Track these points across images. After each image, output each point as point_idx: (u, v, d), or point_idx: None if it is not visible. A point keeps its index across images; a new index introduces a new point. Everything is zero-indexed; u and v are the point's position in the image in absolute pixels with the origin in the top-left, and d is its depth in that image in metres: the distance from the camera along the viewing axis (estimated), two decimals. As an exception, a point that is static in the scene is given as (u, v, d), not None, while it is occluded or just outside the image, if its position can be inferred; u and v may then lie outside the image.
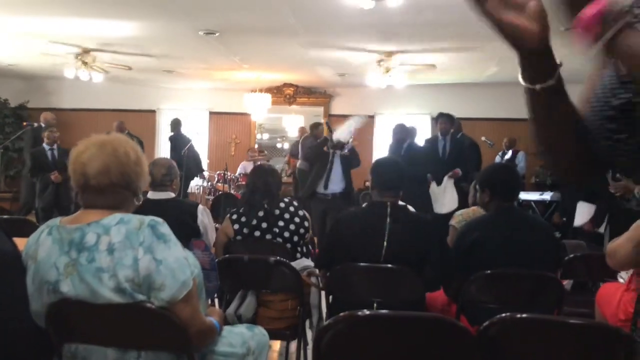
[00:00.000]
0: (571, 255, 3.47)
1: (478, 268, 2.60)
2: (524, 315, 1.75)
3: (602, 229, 5.61)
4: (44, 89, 11.22)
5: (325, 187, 6.11)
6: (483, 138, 8.41)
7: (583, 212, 5.79)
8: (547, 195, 7.78)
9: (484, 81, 9.73)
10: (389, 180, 2.82)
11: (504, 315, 1.74)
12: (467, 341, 1.68)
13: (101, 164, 1.72)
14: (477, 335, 1.74)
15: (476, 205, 3.75)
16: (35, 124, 8.87)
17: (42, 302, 1.70)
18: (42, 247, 1.72)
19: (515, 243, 2.66)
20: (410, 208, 3.45)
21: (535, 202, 8.07)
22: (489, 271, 2.59)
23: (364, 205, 3.16)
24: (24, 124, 9.37)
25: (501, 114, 10.16)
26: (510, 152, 8.89)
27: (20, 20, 6.66)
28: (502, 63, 8.30)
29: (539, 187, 8.89)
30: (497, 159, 8.90)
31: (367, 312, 1.72)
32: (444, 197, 6.54)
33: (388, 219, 2.68)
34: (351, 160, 6.27)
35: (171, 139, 9.17)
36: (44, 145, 7.58)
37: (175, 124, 9.24)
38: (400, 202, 2.88)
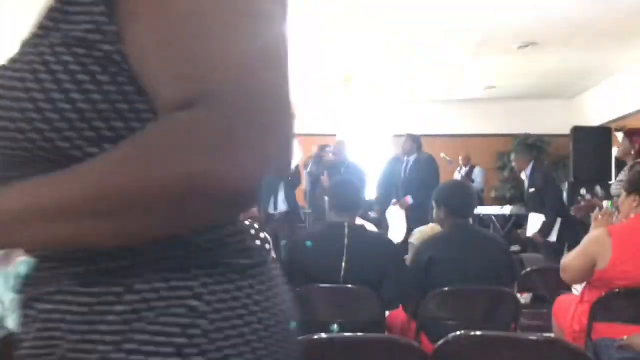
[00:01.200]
0: (528, 269, 3.55)
1: (435, 285, 2.63)
2: (478, 333, 1.77)
3: (553, 238, 5.76)
4: None
5: (275, 207, 6.39)
6: (442, 155, 8.52)
7: (533, 223, 5.93)
8: (506, 210, 7.92)
9: (441, 99, 9.91)
10: (346, 201, 2.84)
11: (458, 333, 1.76)
12: (422, 361, 1.69)
13: None
14: (432, 354, 1.75)
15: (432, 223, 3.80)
16: None
17: None
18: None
19: (470, 259, 2.70)
20: (370, 227, 3.47)
21: (496, 216, 8.21)
22: (446, 288, 2.61)
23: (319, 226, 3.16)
24: None
25: (459, 130, 10.34)
26: (466, 169, 9.03)
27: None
28: (460, 81, 8.49)
29: (499, 202, 9.05)
30: (457, 175, 9.03)
31: (323, 335, 1.72)
32: (391, 226, 6.46)
33: (346, 240, 2.68)
34: (294, 180, 6.55)
35: None
36: None
37: None
38: (358, 222, 2.89)
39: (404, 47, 6.55)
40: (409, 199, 6.28)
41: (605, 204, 4.14)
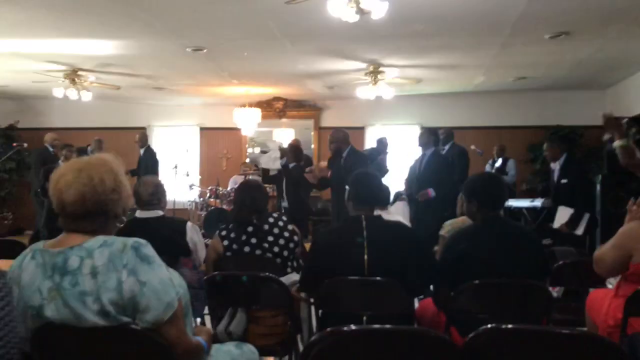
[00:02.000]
0: (560, 262, 3.49)
1: (466, 278, 2.61)
2: (509, 326, 1.75)
3: (579, 231, 5.71)
4: (34, 109, 11.21)
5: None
6: (472, 147, 8.44)
7: (561, 216, 5.89)
8: (538, 202, 7.79)
9: (472, 90, 9.81)
10: (363, 194, 2.84)
11: (489, 326, 1.74)
12: (453, 354, 1.69)
13: (76, 192, 1.71)
14: (463, 347, 1.74)
15: (465, 215, 3.77)
16: (25, 144, 8.89)
17: (26, 327, 1.70)
18: (26, 271, 1.71)
19: (501, 252, 2.67)
20: (391, 216, 3.45)
21: (527, 209, 8.09)
22: (477, 281, 2.60)
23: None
24: (14, 144, 9.35)
25: (490, 122, 10.24)
26: (500, 160, 8.93)
27: (7, 42, 6.67)
28: (489, 72, 8.38)
29: (530, 194, 8.92)
30: (487, 167, 8.93)
31: (352, 327, 1.72)
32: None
33: (365, 232, 2.68)
34: (298, 179, 6.88)
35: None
36: (60, 163, 7.55)
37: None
38: (376, 212, 2.88)
39: (434, 39, 6.49)
40: (431, 192, 6.10)
41: None
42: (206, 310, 3.25)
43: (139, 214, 3.35)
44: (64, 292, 1.64)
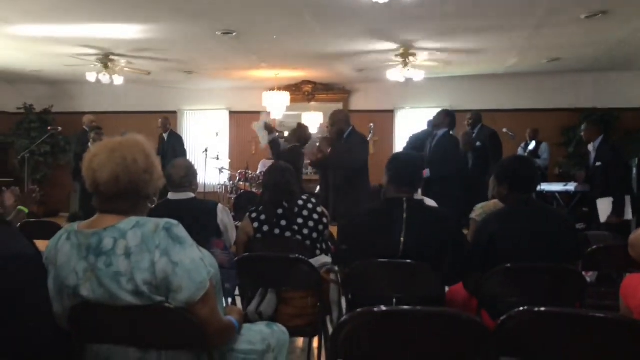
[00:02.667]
0: (594, 247, 3.43)
1: (497, 262, 2.58)
2: (542, 309, 1.73)
3: (629, 216, 5.57)
4: (67, 94, 11.40)
5: None
6: (505, 130, 8.30)
7: (603, 208, 5.76)
8: (571, 186, 7.65)
9: (504, 72, 9.63)
10: (405, 176, 2.81)
11: (521, 309, 1.72)
12: (484, 336, 1.67)
13: (110, 172, 1.73)
14: (495, 330, 1.73)
15: (496, 198, 3.73)
16: (60, 128, 9.09)
17: (63, 305, 1.74)
18: (61, 252, 1.75)
19: (533, 235, 2.63)
20: (429, 202, 3.43)
21: (560, 193, 7.96)
22: (508, 265, 2.57)
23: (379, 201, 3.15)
24: (49, 128, 9.56)
25: (523, 105, 10.06)
26: (533, 143, 8.78)
27: (41, 27, 6.78)
28: (522, 54, 8.22)
29: (563, 178, 8.76)
30: (520, 150, 8.79)
31: (383, 308, 1.72)
32: None
33: (405, 215, 2.66)
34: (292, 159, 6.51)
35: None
36: (89, 145, 7.70)
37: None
38: (417, 197, 2.86)
39: (466, 20, 6.38)
40: (426, 172, 5.90)
41: None
42: (237, 291, 3.29)
43: (171, 195, 3.40)
44: (99, 272, 1.68)
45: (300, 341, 3.78)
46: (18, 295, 1.66)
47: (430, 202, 3.44)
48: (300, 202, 3.28)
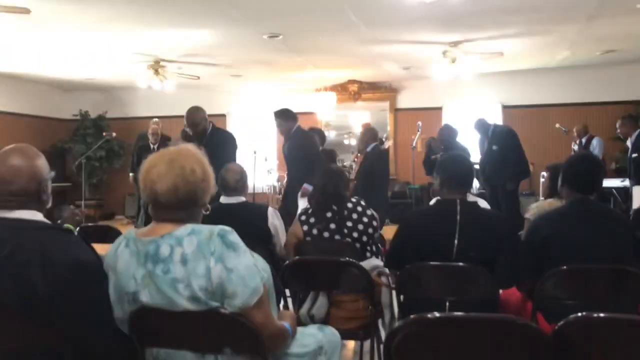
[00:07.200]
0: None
1: (553, 263, 2.52)
2: (602, 315, 1.68)
3: None
4: (120, 100, 11.74)
5: None
6: (557, 125, 8.11)
7: (638, 196, 5.70)
8: (628, 182, 7.38)
9: (555, 66, 9.38)
10: (458, 177, 2.77)
11: (580, 315, 1.68)
12: (541, 343, 1.64)
13: (169, 183, 1.77)
14: (552, 336, 1.69)
15: (550, 198, 3.64)
16: (114, 134, 9.38)
17: (123, 310, 1.80)
18: (121, 259, 1.81)
19: (591, 236, 2.55)
20: (482, 204, 3.38)
21: (616, 189, 7.69)
22: (565, 267, 2.50)
23: (432, 203, 3.12)
24: (104, 134, 9.87)
25: (575, 99, 9.77)
26: (583, 140, 8.52)
27: (93, 35, 7.01)
28: (574, 47, 7.98)
29: (620, 174, 8.45)
30: (575, 146, 8.55)
31: (437, 314, 1.70)
32: None
33: (458, 217, 2.63)
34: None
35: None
36: (150, 143, 7.98)
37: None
38: (471, 198, 2.82)
39: (515, 14, 6.24)
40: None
41: None
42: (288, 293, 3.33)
43: (223, 199, 3.46)
44: (157, 279, 1.73)
45: (351, 344, 3.79)
46: (82, 301, 1.72)
47: (483, 204, 3.38)
48: (350, 205, 3.29)
